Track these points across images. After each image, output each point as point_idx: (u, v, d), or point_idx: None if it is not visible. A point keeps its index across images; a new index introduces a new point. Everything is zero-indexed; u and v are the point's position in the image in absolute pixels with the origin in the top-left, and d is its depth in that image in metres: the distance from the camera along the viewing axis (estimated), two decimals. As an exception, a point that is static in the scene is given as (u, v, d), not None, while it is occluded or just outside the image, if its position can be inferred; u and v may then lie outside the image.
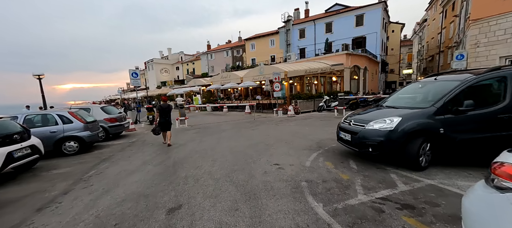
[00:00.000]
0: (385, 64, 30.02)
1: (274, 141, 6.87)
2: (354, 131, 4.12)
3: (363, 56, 20.24)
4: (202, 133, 9.21)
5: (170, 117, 7.32)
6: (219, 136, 8.19)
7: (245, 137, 7.75)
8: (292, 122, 10.76)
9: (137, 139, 8.63)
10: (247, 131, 8.96)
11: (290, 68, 15.31)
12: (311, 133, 7.71)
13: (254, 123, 11.40)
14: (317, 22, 29.02)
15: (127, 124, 9.47)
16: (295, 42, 31.50)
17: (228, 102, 19.83)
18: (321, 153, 5.18)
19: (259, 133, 8.36)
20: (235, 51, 41.28)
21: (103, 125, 8.27)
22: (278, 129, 9.07)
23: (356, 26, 25.83)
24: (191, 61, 49.64)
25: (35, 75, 10.02)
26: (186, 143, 7.29)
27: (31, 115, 6.13)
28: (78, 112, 6.68)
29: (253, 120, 12.56)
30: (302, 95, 14.60)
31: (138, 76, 14.56)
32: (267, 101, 16.80)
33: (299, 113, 13.85)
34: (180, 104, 11.65)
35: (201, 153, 5.95)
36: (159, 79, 50.60)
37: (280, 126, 9.95)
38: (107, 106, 9.04)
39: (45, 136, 5.98)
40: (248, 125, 10.60)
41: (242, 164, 4.78)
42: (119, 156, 6.08)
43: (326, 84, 17.13)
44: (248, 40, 36.51)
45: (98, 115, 8.32)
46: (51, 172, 4.94)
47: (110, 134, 8.47)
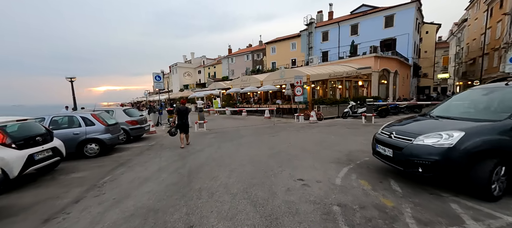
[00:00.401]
0: (417, 68, 27.63)
1: (297, 150, 6.28)
2: (398, 146, 3.42)
3: (394, 59, 18.69)
4: (221, 138, 8.91)
5: (187, 119, 7.44)
6: (238, 142, 7.80)
7: (265, 144, 7.26)
8: (315, 129, 10.03)
9: (156, 142, 8.60)
10: (267, 138, 8.46)
11: (313, 72, 14.56)
12: (338, 143, 6.97)
13: (274, 128, 10.88)
14: (341, 24, 27.77)
15: (147, 127, 9.54)
16: (317, 45, 30.48)
17: (247, 106, 19.55)
18: (353, 168, 4.49)
19: (280, 140, 7.82)
20: (256, 55, 41.24)
21: (125, 127, 8.37)
22: (300, 137, 8.44)
23: (385, 27, 24.16)
24: (212, 65, 50.72)
25: (67, 78, 10.63)
26: (203, 149, 7.01)
27: (57, 116, 6.31)
28: (100, 115, 6.76)
29: (273, 125, 12.03)
30: (326, 100, 13.74)
31: (161, 79, 14.90)
32: (288, 106, 16.16)
33: (322, 119, 13.02)
34: (199, 107, 11.56)
35: (218, 160, 5.59)
36: (182, 82, 52.41)
37: (302, 133, 9.30)
38: (129, 109, 9.20)
39: (68, 137, 6.09)
40: (268, 131, 10.11)
41: (262, 176, 4.29)
42: (136, 160, 5.96)
43: (351, 89, 16.03)
44: (269, 44, 36.21)
45: (120, 117, 8.45)
46: (69, 175, 4.91)
47: (131, 136, 8.54)
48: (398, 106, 14.10)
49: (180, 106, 7.49)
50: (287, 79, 15.60)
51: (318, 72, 14.58)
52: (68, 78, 10.65)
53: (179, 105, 7.62)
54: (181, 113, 7.31)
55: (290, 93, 14.75)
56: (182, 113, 7.33)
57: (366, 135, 8.00)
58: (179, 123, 7.26)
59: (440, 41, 42.70)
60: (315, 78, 14.17)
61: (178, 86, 51.79)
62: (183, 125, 7.30)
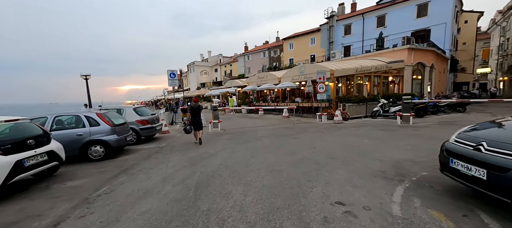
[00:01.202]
0: (455, 62, 24.70)
1: (325, 157, 5.22)
2: (499, 165, 2.27)
3: (430, 51, 16.54)
4: (236, 139, 8.08)
5: (200, 117, 7.63)
6: (254, 145, 6.90)
7: (285, 149, 6.28)
8: (342, 131, 8.81)
9: (167, 143, 7.99)
10: (288, 140, 7.46)
11: (337, 67, 13.19)
12: (374, 148, 5.77)
13: (294, 129, 9.82)
14: (366, 16, 25.65)
15: (159, 126, 8.99)
16: (338, 39, 28.58)
17: (264, 104, 18.60)
18: (411, 188, 3.35)
19: (302, 144, 6.78)
20: (272, 52, 40.05)
21: (135, 127, 7.85)
22: (326, 139, 7.32)
23: (418, 17, 21.74)
24: (228, 63, 50.42)
25: (82, 76, 10.48)
26: (216, 153, 6.20)
27: (61, 115, 5.87)
28: (106, 114, 6.23)
29: (293, 126, 10.97)
30: (352, 98, 12.34)
31: (176, 77, 14.46)
32: (308, 105, 14.95)
33: (347, 119, 11.68)
34: (213, 106, 10.85)
35: (232, 169, 4.73)
36: (199, 80, 52.81)
37: (327, 135, 8.15)
38: (140, 107, 8.70)
39: (71, 139, 5.60)
40: (287, 132, 9.09)
41: (287, 195, 3.34)
42: (141, 166, 5.30)
43: (380, 85, 14.37)
44: (286, 40, 34.84)
45: (130, 116, 7.96)
46: (65, 183, 4.34)
47: (142, 136, 8.02)
48: (437, 105, 12.28)
49: (193, 104, 7.64)
50: (307, 75, 14.38)
51: (343, 67, 13.18)
52: (83, 76, 10.49)
53: (192, 104, 7.72)
54: (194, 111, 7.49)
55: (311, 90, 13.56)
56: (195, 111, 7.51)
57: (407, 139, 6.68)
58: (193, 120, 7.46)
59: (480, 32, 38.24)
60: (340, 74, 12.80)
61: (195, 85, 52.29)
62: (196, 123, 7.48)
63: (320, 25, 30.33)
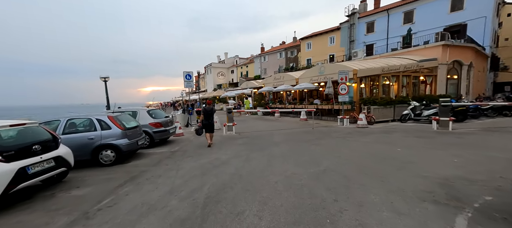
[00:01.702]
0: (496, 60, 22.09)
1: (353, 169, 4.51)
2: None
3: (469, 48, 14.77)
4: (251, 144, 7.57)
5: (212, 119, 7.62)
6: (271, 152, 6.34)
7: (306, 157, 5.64)
8: (369, 137, 7.93)
9: (179, 147, 7.70)
10: (308, 147, 6.79)
11: (361, 66, 12.19)
12: (412, 160, 4.93)
13: (313, 134, 9.09)
14: (392, 12, 23.95)
15: (173, 129, 8.77)
16: (360, 37, 27.06)
17: (281, 106, 17.93)
18: (476, 220, 2.57)
19: (325, 152, 6.08)
20: (289, 52, 39.19)
21: (148, 130, 7.67)
22: (351, 147, 6.54)
23: (452, 11, 19.74)
24: (245, 65, 50.36)
25: (101, 78, 10.68)
26: (229, 160, 5.73)
27: (74, 118, 5.77)
28: (118, 117, 6.05)
29: (312, 130, 10.23)
30: (377, 100, 11.28)
31: (191, 78, 14.36)
32: (328, 107, 14.05)
33: (373, 123, 10.66)
34: (228, 108, 10.46)
35: (246, 180, 4.21)
36: (216, 82, 53.39)
37: (351, 141, 7.34)
38: (154, 110, 8.54)
39: (82, 143, 5.46)
40: (307, 137, 8.39)
41: (310, 220, 2.74)
42: (150, 173, 4.98)
43: (410, 86, 13.05)
44: (304, 40, 33.82)
45: (144, 118, 7.80)
46: (70, 192, 4.11)
47: (155, 139, 7.81)
48: (479, 108, 10.79)
49: (206, 107, 7.62)
50: (327, 76, 13.51)
51: (368, 66, 12.13)
52: (102, 78, 10.69)
53: (205, 106, 7.70)
54: (206, 113, 7.47)
55: (331, 92, 12.68)
56: (208, 113, 7.48)
57: (450, 149, 5.71)
58: (205, 122, 7.44)
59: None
60: (364, 74, 11.79)
61: (212, 86, 52.96)
62: (208, 125, 7.48)
63: (340, 24, 29.00)
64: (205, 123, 7.39)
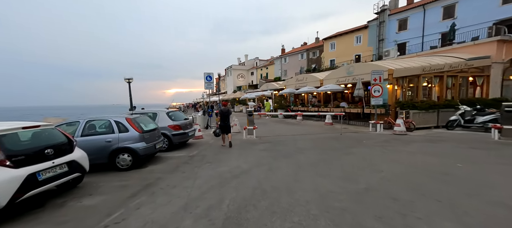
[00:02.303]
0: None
1: (404, 189, 3.64)
2: None
3: (530, 43, 12.56)
4: (273, 151, 6.92)
5: (229, 121, 7.76)
6: (297, 161, 5.63)
7: (339, 169, 4.84)
8: (411, 146, 6.82)
9: (198, 152, 7.30)
10: (339, 156, 5.96)
11: (397, 66, 10.90)
12: (483, 180, 3.89)
13: (342, 140, 8.16)
14: (428, 7, 21.73)
15: (192, 132, 8.44)
16: (391, 36, 25.02)
17: (304, 109, 16.99)
18: None
19: (361, 163, 5.22)
20: (311, 53, 37.83)
21: (167, 132, 7.40)
22: (393, 158, 5.57)
23: (504, 3, 17.22)
24: (264, 66, 49.89)
25: (126, 79, 10.83)
26: (250, 169, 5.15)
27: (92, 120, 5.63)
28: (136, 119, 5.80)
29: (340, 136, 9.27)
30: (418, 104, 9.93)
31: (212, 80, 14.14)
32: (356, 111, 12.87)
33: (412, 130, 9.37)
34: (248, 111, 9.92)
35: (271, 197, 3.58)
36: (236, 84, 53.63)
37: (391, 151, 6.33)
38: (174, 112, 8.28)
39: (100, 146, 5.26)
40: (335, 144, 7.51)
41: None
42: (164, 182, 4.57)
43: (456, 87, 11.38)
44: (328, 40, 32.34)
45: (163, 121, 7.55)
46: (81, 201, 3.82)
47: (174, 142, 7.52)
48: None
49: (222, 108, 7.78)
50: (357, 76, 12.37)
51: (405, 66, 10.81)
52: (126, 79, 10.83)
53: (221, 107, 7.89)
54: (223, 115, 7.62)
55: (361, 94, 11.54)
56: (224, 115, 7.63)
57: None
58: (222, 124, 7.58)
59: None
60: (401, 74, 10.50)
61: (232, 88, 53.28)
62: (225, 126, 7.60)
63: (368, 22, 27.18)
64: (222, 125, 7.56)
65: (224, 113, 7.58)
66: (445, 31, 20.63)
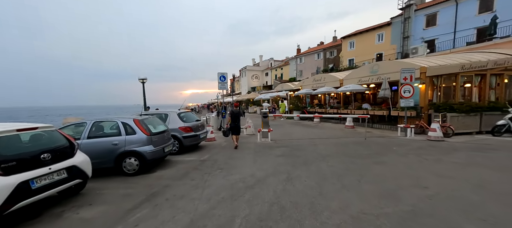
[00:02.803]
0: None
1: (467, 218, 2.83)
2: None
3: None
4: (291, 157, 6.26)
5: (239, 122, 7.78)
6: (319, 170, 4.94)
7: (371, 183, 4.09)
8: (454, 155, 5.82)
9: (209, 155, 6.84)
10: (368, 165, 5.17)
11: (431, 63, 9.74)
12: None
13: (368, 146, 7.29)
14: (461, 1, 19.81)
15: (204, 134, 8.02)
16: (417, 32, 23.21)
17: (324, 111, 16.06)
18: None
19: (397, 175, 4.40)
20: (328, 53, 36.42)
21: (177, 134, 7.02)
22: (435, 170, 4.67)
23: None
24: (279, 67, 49.06)
25: (140, 79, 10.74)
26: (265, 178, 4.55)
27: (99, 121, 5.35)
28: (144, 121, 5.44)
29: (364, 140, 8.38)
30: (456, 106, 8.73)
31: (226, 80, 13.75)
32: (382, 113, 11.78)
33: (450, 135, 8.22)
34: (263, 112, 9.32)
35: (291, 217, 2.96)
36: (250, 84, 53.32)
37: (429, 160, 5.41)
38: (185, 113, 7.91)
39: (107, 148, 4.95)
40: (361, 150, 6.68)
41: None
42: (171, 191, 4.11)
43: (502, 87, 9.93)
44: (346, 38, 30.89)
45: (173, 122, 7.19)
46: (78, 212, 3.44)
47: (185, 144, 7.12)
48: None
49: (233, 109, 7.95)
50: (382, 75, 11.31)
51: (441, 63, 9.62)
52: (141, 80, 10.74)
53: (233, 108, 8.08)
54: (234, 116, 7.65)
55: (387, 94, 10.48)
56: (235, 116, 7.66)
57: None
58: (232, 125, 7.58)
59: None
60: (435, 72, 9.32)
61: (246, 89, 53.05)
62: (235, 127, 7.61)
63: (391, 18, 25.49)
64: (232, 125, 7.56)
65: (235, 114, 7.65)
66: (481, 26, 18.68)
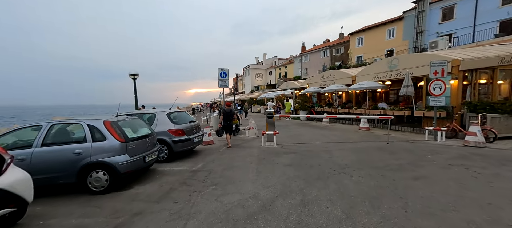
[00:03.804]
0: None
1: None
2: None
3: None
4: (303, 167, 5.05)
5: (231, 121, 7.74)
6: (341, 188, 3.72)
7: (426, 215, 2.84)
8: (508, 167, 4.53)
9: (204, 164, 5.67)
10: (405, 181, 3.92)
11: (464, 55, 8.39)
12: None
13: (394, 153, 6.01)
14: (482, -10, 18.24)
15: (198, 138, 6.86)
16: (432, 27, 21.71)
17: (334, 110, 14.77)
18: None
19: (455, 199, 3.14)
20: (335, 50, 34.95)
21: (166, 138, 5.88)
22: (507, 192, 3.40)
23: None
24: (283, 65, 47.74)
25: (130, 75, 9.66)
26: (273, 201, 3.35)
27: (59, 124, 4.21)
28: (120, 123, 4.30)
29: (386, 145, 7.12)
30: (497, 105, 7.40)
31: (227, 76, 12.59)
32: (403, 113, 10.45)
33: (492, 140, 6.89)
34: (268, 112, 8.12)
35: None
36: (254, 83, 52.12)
37: (486, 175, 4.13)
38: (176, 113, 6.75)
39: (66, 159, 3.81)
40: (388, 160, 5.41)
41: None
42: (143, 220, 2.95)
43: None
44: (354, 34, 29.44)
45: (162, 124, 6.05)
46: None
47: (175, 150, 5.98)
48: None
49: (225, 108, 7.76)
50: (402, 70, 10.00)
51: (476, 55, 8.26)
52: (131, 75, 9.66)
53: (225, 108, 7.82)
54: (226, 115, 7.56)
55: (411, 92, 9.17)
56: (227, 115, 7.58)
57: None
58: (225, 124, 7.53)
59: None
60: (471, 66, 7.96)
61: (249, 88, 51.88)
62: (228, 126, 7.58)
63: (404, 12, 24.02)
64: (225, 125, 7.51)
65: (227, 113, 7.59)
66: (504, 19, 17.21)
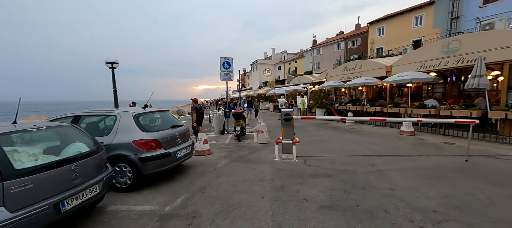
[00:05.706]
0: None
1: None
2: None
3: None
4: (355, 215, 2.70)
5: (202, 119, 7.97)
6: None
7: None
8: None
9: (186, 198, 3.42)
10: None
11: None
12: None
13: (488, 177, 3.53)
14: (542, -39, 14.98)
15: (184, 151, 4.59)
16: (471, 12, 18.60)
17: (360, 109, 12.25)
18: None
19: None
20: (351, 43, 31.95)
21: (129, 154, 3.67)
22: None
23: None
24: (293, 60, 45.01)
25: (107, 63, 7.58)
26: None
27: None
28: (14, 137, 2.14)
29: (465, 163, 4.64)
30: None
31: (230, 67, 10.35)
32: (469, 113, 7.80)
33: None
34: (285, 112, 5.71)
35: None
36: (262, 79, 49.74)
37: None
38: (150, 114, 4.50)
39: None
40: (488, 191, 2.98)
41: None
42: None
43: None
44: (374, 24, 26.44)
45: (125, 131, 3.83)
46: None
47: (143, 173, 3.77)
48: None
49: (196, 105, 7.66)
50: (467, 55, 7.39)
51: None
52: (109, 64, 7.59)
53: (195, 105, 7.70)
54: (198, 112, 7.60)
55: (483, 84, 6.58)
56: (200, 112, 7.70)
57: None
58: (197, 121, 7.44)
59: None
60: None
61: (257, 83, 49.54)
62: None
63: (436, -5, 20.84)
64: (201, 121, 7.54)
65: (198, 110, 7.62)
66: None
